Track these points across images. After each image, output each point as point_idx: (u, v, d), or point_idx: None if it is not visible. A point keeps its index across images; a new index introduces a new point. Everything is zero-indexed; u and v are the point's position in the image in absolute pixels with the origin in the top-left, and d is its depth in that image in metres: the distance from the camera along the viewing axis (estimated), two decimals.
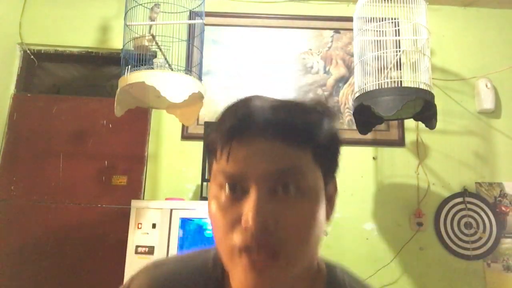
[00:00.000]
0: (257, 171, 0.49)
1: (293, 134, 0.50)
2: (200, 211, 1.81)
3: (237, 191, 0.50)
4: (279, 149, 0.50)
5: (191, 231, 1.97)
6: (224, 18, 2.48)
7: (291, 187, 0.49)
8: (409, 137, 2.37)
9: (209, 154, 0.56)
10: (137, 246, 1.74)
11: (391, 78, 1.81)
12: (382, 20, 1.90)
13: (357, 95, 1.90)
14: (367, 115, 1.95)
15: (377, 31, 1.91)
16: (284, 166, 0.49)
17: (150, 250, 1.73)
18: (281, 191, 0.49)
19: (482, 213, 2.28)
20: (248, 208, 0.47)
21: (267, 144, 0.50)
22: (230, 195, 0.50)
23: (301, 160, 0.51)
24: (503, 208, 2.31)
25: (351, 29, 2.04)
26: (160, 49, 1.78)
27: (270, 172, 0.49)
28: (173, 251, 1.73)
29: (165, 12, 1.81)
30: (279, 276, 0.48)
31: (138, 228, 1.76)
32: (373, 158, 2.35)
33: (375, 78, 1.83)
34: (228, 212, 0.50)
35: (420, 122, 2.01)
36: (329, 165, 0.55)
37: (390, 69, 1.83)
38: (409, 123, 2.32)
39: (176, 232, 1.76)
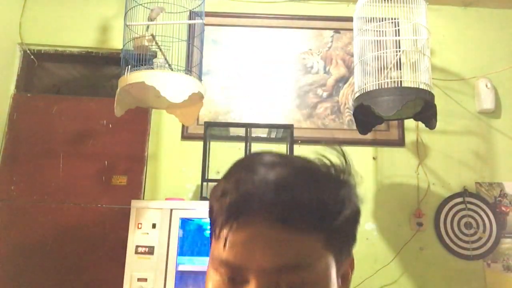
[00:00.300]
0: (258, 264, 0.43)
1: (304, 219, 0.43)
2: (200, 211, 1.81)
3: (237, 280, 0.44)
4: (285, 237, 0.42)
5: (191, 231, 1.97)
6: (224, 18, 2.48)
7: (296, 284, 0.43)
8: (409, 137, 2.37)
9: (210, 223, 0.51)
10: (137, 246, 1.74)
11: (391, 78, 1.81)
12: (382, 20, 1.90)
13: (357, 95, 1.90)
14: (367, 115, 1.95)
15: (377, 31, 1.91)
16: (289, 261, 0.42)
17: (150, 250, 1.73)
18: (285, 287, 0.43)
19: (482, 213, 2.28)
20: None
21: (272, 230, 0.42)
22: (228, 284, 0.45)
23: (308, 251, 0.44)
24: (503, 208, 2.31)
25: (351, 29, 2.04)
26: (160, 49, 1.78)
27: (273, 267, 0.42)
28: (173, 251, 1.73)
29: (165, 12, 1.81)
30: None
31: (138, 228, 1.76)
32: (373, 158, 2.35)
33: (375, 78, 1.83)
34: None
35: (420, 122, 2.01)
36: (345, 245, 0.48)
37: (390, 69, 1.83)
38: (409, 123, 2.32)
39: (176, 232, 1.76)
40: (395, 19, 1.92)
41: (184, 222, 1.84)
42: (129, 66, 1.72)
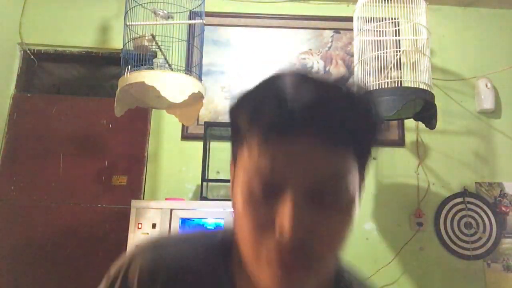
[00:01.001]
0: (296, 175, 0.44)
1: (341, 136, 0.45)
2: (200, 211, 1.81)
3: (271, 190, 0.44)
4: (322, 152, 0.44)
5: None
6: (224, 18, 2.48)
7: (331, 198, 0.44)
8: (409, 137, 2.37)
9: (235, 129, 0.51)
10: (137, 246, 1.74)
11: (391, 78, 1.81)
12: (382, 20, 1.90)
13: None
14: None
15: (377, 31, 1.91)
16: (325, 175, 0.44)
17: None
18: (319, 201, 0.44)
19: (482, 213, 2.28)
20: (284, 217, 0.42)
21: (311, 145, 0.44)
22: (262, 194, 0.45)
23: (343, 164, 0.46)
24: (503, 208, 2.31)
25: (351, 29, 2.04)
26: (160, 49, 1.78)
27: (311, 179, 0.44)
28: None
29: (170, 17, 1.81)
30: (308, 281, 0.45)
31: (138, 228, 1.76)
32: (373, 158, 2.34)
33: (375, 78, 1.83)
34: (259, 212, 0.45)
35: (420, 122, 2.01)
36: (366, 160, 0.52)
37: (390, 69, 1.83)
38: (409, 123, 2.32)
39: (176, 232, 1.76)
40: (395, 19, 1.92)
41: (184, 222, 1.84)
42: (129, 66, 1.72)
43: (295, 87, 0.45)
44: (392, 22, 1.92)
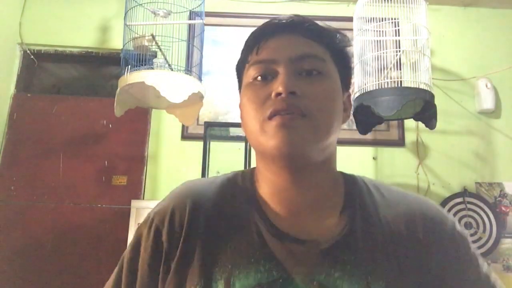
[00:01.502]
0: (284, 55, 0.59)
1: (315, 34, 0.61)
2: None
3: (268, 77, 0.59)
4: (303, 41, 0.61)
5: None
6: (224, 18, 2.48)
7: (314, 71, 0.59)
8: (409, 137, 2.37)
9: (240, 73, 0.67)
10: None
11: (391, 78, 1.81)
12: (382, 20, 1.90)
13: (357, 95, 1.89)
14: (367, 115, 1.95)
15: (377, 31, 1.91)
16: (305, 52, 0.59)
17: None
18: (305, 74, 0.59)
19: (482, 213, 2.28)
20: (278, 82, 0.56)
21: (293, 37, 0.61)
22: (261, 80, 0.59)
23: (320, 52, 0.61)
24: (503, 208, 2.31)
25: (351, 29, 2.03)
26: (160, 49, 1.78)
27: (296, 56, 0.59)
28: None
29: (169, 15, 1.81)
30: (307, 133, 0.55)
31: None
32: (373, 158, 2.35)
33: (375, 78, 1.83)
34: (261, 92, 0.58)
35: (420, 122, 2.00)
36: (344, 73, 0.64)
37: (390, 69, 1.83)
38: (409, 123, 2.32)
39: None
40: (395, 19, 1.92)
41: None
42: (129, 66, 1.72)
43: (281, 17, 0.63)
44: (392, 22, 1.92)
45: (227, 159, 2.20)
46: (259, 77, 0.60)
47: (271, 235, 0.57)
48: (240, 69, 0.66)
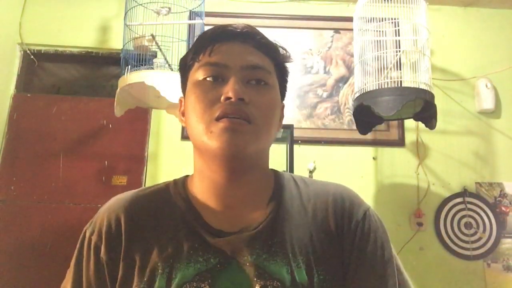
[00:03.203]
0: (236, 63, 0.63)
1: (263, 45, 0.66)
2: None
3: (218, 79, 0.63)
4: (255, 52, 0.65)
5: None
6: (224, 18, 2.47)
7: (261, 82, 0.64)
8: (409, 137, 2.37)
9: (185, 69, 0.69)
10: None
11: (391, 78, 1.81)
12: (382, 20, 1.90)
13: (357, 95, 1.90)
14: (367, 115, 1.95)
15: (377, 31, 1.91)
16: (256, 63, 0.64)
17: None
18: (253, 83, 0.63)
19: (482, 213, 2.28)
20: (229, 87, 0.60)
21: (245, 47, 0.65)
22: (212, 81, 0.63)
23: (268, 64, 0.66)
24: (503, 208, 2.31)
25: (351, 29, 2.04)
26: (160, 49, 1.78)
27: (247, 65, 0.63)
28: None
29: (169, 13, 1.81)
30: (250, 138, 0.60)
31: None
32: (373, 158, 2.35)
33: (375, 78, 1.83)
34: (210, 94, 0.62)
35: (420, 122, 2.01)
36: (283, 87, 0.71)
37: (390, 69, 1.83)
38: (409, 123, 2.32)
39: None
40: (395, 19, 1.92)
41: None
42: (129, 66, 1.72)
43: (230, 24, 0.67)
44: (392, 22, 1.92)
45: None
46: (210, 78, 0.63)
47: (206, 232, 0.63)
48: (187, 66, 0.69)
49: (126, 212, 0.66)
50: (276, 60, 0.68)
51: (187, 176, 0.74)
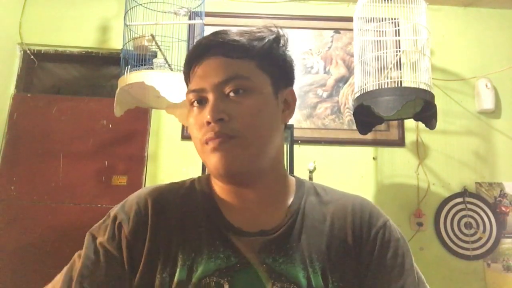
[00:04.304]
0: (210, 82, 0.63)
1: (235, 50, 0.65)
2: None
3: (203, 103, 0.65)
4: (225, 63, 0.64)
5: None
6: (224, 18, 2.48)
7: (239, 89, 0.63)
8: (409, 137, 2.37)
9: (186, 80, 0.71)
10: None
11: (391, 78, 1.81)
12: (382, 20, 1.90)
13: (357, 95, 1.90)
14: (367, 115, 1.95)
15: (377, 31, 1.91)
16: (229, 75, 0.63)
17: None
18: (232, 94, 0.63)
19: (482, 213, 2.28)
20: (207, 111, 0.62)
21: (216, 61, 0.64)
22: (197, 106, 0.65)
23: (244, 68, 0.64)
24: (503, 208, 2.31)
25: (351, 29, 2.04)
26: (160, 49, 1.78)
27: (220, 81, 0.63)
28: None
29: (165, 12, 1.81)
30: (238, 151, 0.61)
31: None
32: (373, 158, 2.35)
33: (375, 78, 1.83)
34: (197, 118, 0.64)
35: (420, 122, 2.01)
36: (278, 74, 0.68)
37: (390, 69, 1.83)
38: (409, 123, 2.32)
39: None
40: (395, 19, 1.92)
41: None
42: (129, 66, 1.72)
43: (213, 33, 0.68)
44: (392, 22, 1.92)
45: None
46: (195, 103, 0.65)
47: (227, 229, 0.65)
48: (186, 82, 0.72)
49: (154, 200, 0.68)
50: (257, 54, 0.65)
51: (209, 174, 0.75)
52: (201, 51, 0.66)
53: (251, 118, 0.63)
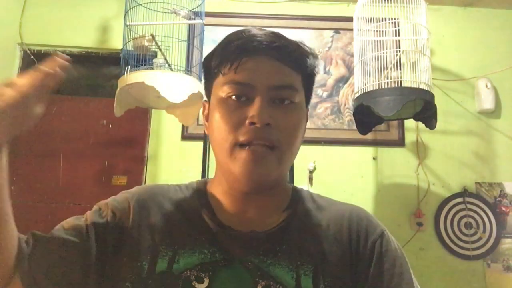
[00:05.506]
0: (263, 83, 0.60)
1: (291, 58, 0.63)
2: None
3: (243, 98, 0.61)
4: (280, 68, 0.62)
5: None
6: (224, 18, 2.47)
7: (286, 100, 0.62)
8: (409, 137, 2.37)
9: (210, 74, 0.67)
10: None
11: (391, 78, 1.81)
12: (382, 20, 1.90)
13: (357, 95, 1.90)
14: (367, 115, 1.95)
15: (377, 31, 1.91)
16: (283, 83, 0.62)
17: None
18: (278, 102, 0.62)
19: (482, 213, 2.28)
20: (254, 111, 0.59)
21: (272, 63, 0.62)
22: (236, 101, 0.61)
23: (296, 80, 0.64)
24: (503, 208, 2.31)
25: (351, 29, 2.04)
26: (160, 49, 1.78)
27: (274, 85, 0.61)
28: None
29: (165, 12, 1.81)
30: (273, 165, 0.61)
31: None
32: (373, 158, 2.35)
33: (375, 78, 1.83)
34: (234, 115, 0.60)
35: (420, 122, 2.01)
36: (309, 94, 0.69)
37: (390, 69, 1.83)
38: (409, 123, 2.32)
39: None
40: (395, 19, 1.92)
41: None
42: (129, 66, 1.72)
43: (255, 29, 0.65)
44: (392, 22, 1.92)
45: None
46: (234, 96, 0.61)
47: (216, 226, 0.65)
48: (212, 72, 0.66)
49: (144, 191, 0.70)
50: (303, 69, 0.66)
51: (209, 178, 0.76)
52: (257, 46, 0.62)
53: (292, 132, 0.63)
